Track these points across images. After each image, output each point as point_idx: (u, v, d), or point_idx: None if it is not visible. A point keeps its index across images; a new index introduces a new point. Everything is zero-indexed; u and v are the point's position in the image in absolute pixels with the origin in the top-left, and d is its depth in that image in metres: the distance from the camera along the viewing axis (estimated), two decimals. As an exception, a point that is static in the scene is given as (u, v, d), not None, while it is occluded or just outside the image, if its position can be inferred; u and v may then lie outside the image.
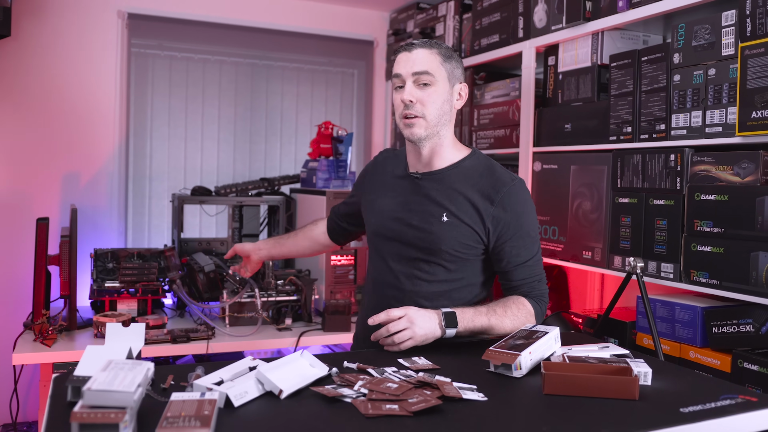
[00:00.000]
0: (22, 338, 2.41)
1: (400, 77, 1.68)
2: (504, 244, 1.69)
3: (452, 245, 1.68)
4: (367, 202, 1.87)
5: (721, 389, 1.31)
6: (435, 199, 1.71)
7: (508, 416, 1.18)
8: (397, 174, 1.81)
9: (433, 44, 1.70)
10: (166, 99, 3.47)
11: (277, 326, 2.69)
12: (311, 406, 1.18)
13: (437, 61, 1.68)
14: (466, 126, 3.03)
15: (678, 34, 2.02)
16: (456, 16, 3.13)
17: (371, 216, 1.83)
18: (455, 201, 1.69)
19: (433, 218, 1.69)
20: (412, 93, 1.66)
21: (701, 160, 1.95)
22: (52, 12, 3.17)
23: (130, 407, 0.98)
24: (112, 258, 2.83)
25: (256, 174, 3.64)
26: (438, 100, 1.68)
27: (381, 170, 1.87)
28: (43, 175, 3.18)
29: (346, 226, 2.08)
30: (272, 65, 3.68)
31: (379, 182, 1.85)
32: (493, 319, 1.63)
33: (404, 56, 1.69)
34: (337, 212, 2.10)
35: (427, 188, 1.73)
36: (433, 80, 1.66)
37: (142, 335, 1.34)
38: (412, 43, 1.70)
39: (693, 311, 1.99)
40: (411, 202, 1.74)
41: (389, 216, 1.76)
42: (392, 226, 1.75)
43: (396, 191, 1.79)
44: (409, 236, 1.72)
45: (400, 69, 1.68)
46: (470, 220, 1.68)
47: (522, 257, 1.70)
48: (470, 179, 1.71)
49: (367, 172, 1.94)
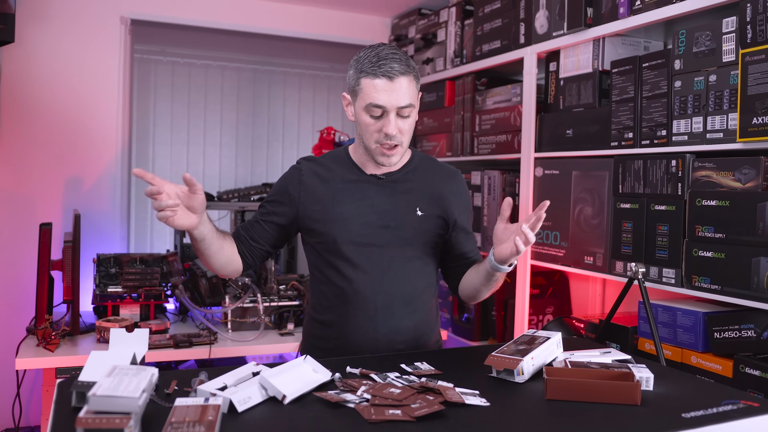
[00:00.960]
0: (25, 343, 2.42)
1: (381, 108, 1.60)
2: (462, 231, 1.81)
3: (431, 237, 1.75)
4: (312, 213, 1.72)
5: (723, 394, 1.31)
6: (405, 196, 1.73)
7: (511, 421, 1.18)
8: (351, 179, 1.73)
9: (407, 66, 1.62)
10: (168, 104, 3.49)
11: (279, 331, 2.70)
12: (314, 411, 1.18)
13: (414, 87, 1.64)
14: (468, 131, 3.03)
15: (679, 41, 2.02)
16: (457, 22, 3.14)
17: (330, 225, 1.70)
18: (423, 195, 1.75)
19: (410, 215, 1.72)
20: (397, 125, 1.63)
21: (702, 165, 1.96)
22: (55, 18, 3.19)
23: (134, 412, 0.98)
24: (115, 263, 2.83)
25: (258, 179, 3.65)
26: (413, 124, 1.68)
27: (320, 179, 1.74)
28: (46, 180, 3.19)
29: (268, 249, 1.80)
30: (274, 71, 3.70)
31: (325, 190, 1.72)
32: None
33: (384, 84, 1.59)
34: (253, 235, 1.77)
35: (394, 188, 1.74)
36: (412, 110, 1.65)
37: (146, 341, 1.35)
38: (391, 69, 1.58)
39: (695, 316, 1.99)
40: (381, 204, 1.72)
41: (357, 222, 1.69)
42: (365, 231, 1.69)
43: (357, 195, 1.72)
44: (388, 237, 1.70)
45: (383, 100, 1.59)
46: (440, 210, 1.76)
47: (469, 230, 1.84)
48: (426, 174, 1.79)
49: (298, 183, 1.75)
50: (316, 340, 1.79)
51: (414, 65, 1.67)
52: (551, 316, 2.87)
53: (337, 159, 1.79)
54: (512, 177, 2.79)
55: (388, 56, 1.61)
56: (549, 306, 2.90)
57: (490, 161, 3.02)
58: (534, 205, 2.62)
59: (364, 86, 1.62)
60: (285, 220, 1.76)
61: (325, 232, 1.71)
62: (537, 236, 2.60)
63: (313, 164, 1.79)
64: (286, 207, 1.76)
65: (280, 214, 1.76)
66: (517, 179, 2.72)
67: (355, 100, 1.66)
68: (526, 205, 2.64)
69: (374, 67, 1.60)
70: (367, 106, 1.62)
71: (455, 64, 3.15)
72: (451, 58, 3.18)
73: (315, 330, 1.79)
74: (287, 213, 1.76)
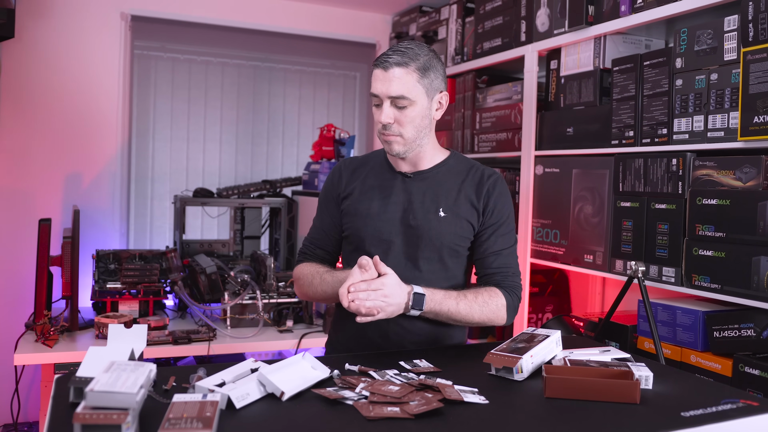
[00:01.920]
0: (24, 339, 2.42)
1: (377, 97, 1.63)
2: (485, 230, 1.72)
3: (452, 239, 1.70)
4: (345, 207, 1.76)
5: (723, 393, 1.31)
6: (430, 196, 1.71)
7: (509, 419, 1.18)
8: (382, 176, 1.76)
9: (409, 58, 1.61)
10: (168, 101, 3.48)
11: (278, 328, 2.70)
12: (313, 408, 1.18)
13: (413, 80, 1.61)
14: (468, 129, 3.03)
15: (680, 39, 2.02)
16: (458, 20, 3.14)
17: (357, 220, 1.73)
18: (449, 196, 1.71)
19: (431, 215, 1.70)
20: (390, 115, 1.62)
21: (703, 164, 1.95)
22: (55, 14, 3.18)
23: (132, 408, 0.98)
24: (114, 259, 2.83)
25: (258, 176, 3.64)
26: (416, 119, 1.64)
27: (355, 175, 1.78)
28: (46, 176, 3.19)
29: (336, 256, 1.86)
30: (274, 67, 3.69)
31: (357, 186, 1.76)
32: (462, 304, 1.62)
33: (380, 74, 1.61)
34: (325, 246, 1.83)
35: (420, 186, 1.72)
36: (409, 102, 1.62)
37: (144, 337, 1.34)
38: (388, 59, 1.61)
39: (694, 315, 1.99)
40: (405, 201, 1.71)
41: (381, 218, 1.70)
42: (387, 228, 1.70)
43: (384, 192, 1.73)
44: (408, 235, 1.69)
45: (377, 89, 1.62)
46: (465, 213, 1.71)
47: (498, 246, 1.72)
48: (458, 175, 1.74)
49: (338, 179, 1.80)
50: (339, 336, 1.81)
51: (424, 60, 1.62)
52: (551, 315, 2.87)
53: (376, 157, 1.82)
54: (512, 175, 2.78)
55: (395, 49, 1.63)
56: (548, 304, 2.89)
57: (491, 159, 3.01)
58: (534, 204, 2.62)
59: (372, 77, 1.67)
60: (339, 219, 1.79)
61: (352, 226, 1.73)
62: (537, 234, 2.60)
63: (352, 161, 1.83)
64: (336, 205, 1.79)
65: (334, 215, 1.80)
66: (518, 177, 2.72)
67: None
68: (525, 203, 2.64)
69: (378, 58, 1.64)
70: (371, 95, 1.66)
71: (456, 61, 3.15)
72: (451, 55, 3.18)
73: (339, 326, 1.81)
74: (338, 212, 1.79)
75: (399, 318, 1.65)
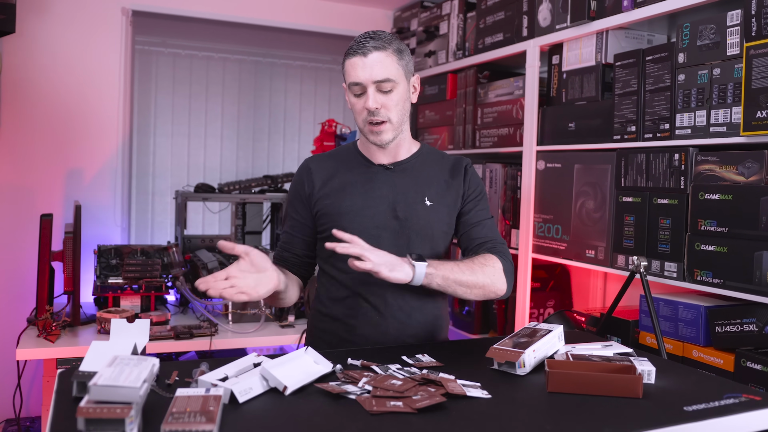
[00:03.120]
0: (26, 334, 2.42)
1: (360, 85, 1.61)
2: (466, 205, 1.76)
3: (441, 227, 1.72)
4: (323, 207, 1.71)
5: (725, 388, 1.31)
6: (414, 186, 1.72)
7: (512, 414, 1.18)
8: (359, 170, 1.72)
9: (385, 42, 1.62)
10: (169, 96, 3.48)
11: (279, 323, 2.70)
12: (315, 402, 1.18)
13: (394, 63, 1.62)
14: (470, 125, 3.03)
15: (683, 34, 2.01)
16: (460, 15, 3.13)
17: (340, 218, 1.67)
18: (431, 185, 1.73)
19: (418, 205, 1.70)
20: (377, 99, 1.62)
21: (705, 159, 1.95)
22: (56, 9, 3.18)
23: (135, 402, 0.98)
24: (116, 254, 2.83)
25: (259, 171, 3.64)
26: (400, 101, 1.65)
27: (328, 174, 1.73)
28: (47, 172, 3.19)
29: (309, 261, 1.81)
30: (276, 62, 3.69)
31: (334, 184, 1.71)
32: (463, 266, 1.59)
33: (359, 61, 1.60)
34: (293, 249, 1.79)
35: (403, 177, 1.72)
36: (393, 84, 1.62)
37: (147, 332, 1.34)
38: (364, 45, 1.60)
39: (696, 310, 1.99)
40: (390, 194, 1.70)
41: (366, 213, 1.67)
42: (373, 223, 1.67)
43: (365, 187, 1.70)
44: (396, 227, 1.67)
45: (359, 77, 1.60)
46: (449, 199, 1.74)
47: (481, 216, 1.77)
48: (435, 163, 1.78)
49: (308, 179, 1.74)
50: (322, 334, 1.76)
51: (397, 43, 1.65)
52: (552, 310, 2.87)
53: (345, 152, 1.79)
54: (514, 170, 2.78)
55: (367, 36, 1.64)
56: (550, 299, 2.89)
57: (492, 154, 3.01)
58: (536, 199, 2.62)
59: (346, 68, 1.65)
60: (310, 219, 1.76)
61: (335, 226, 1.62)
62: (538, 229, 2.60)
63: (320, 160, 1.79)
64: (305, 206, 1.76)
65: (304, 215, 1.76)
66: (519, 172, 2.72)
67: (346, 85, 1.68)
68: (527, 198, 2.64)
69: (353, 48, 1.64)
70: (349, 86, 1.65)
71: (457, 56, 3.14)
72: (453, 50, 3.17)
73: (322, 324, 1.77)
74: (307, 216, 1.76)
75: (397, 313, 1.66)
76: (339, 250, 1.48)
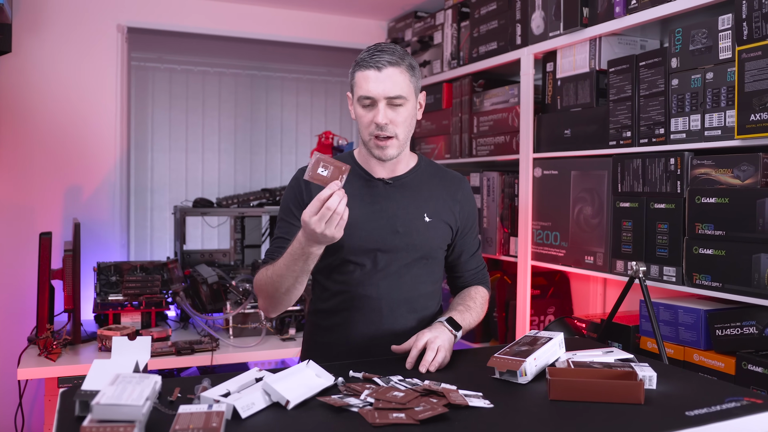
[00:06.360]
0: (27, 353, 2.42)
1: (371, 99, 1.61)
2: (465, 235, 1.81)
3: (438, 243, 1.74)
4: None
5: (726, 392, 1.31)
6: (413, 201, 1.72)
7: (515, 423, 1.18)
8: (359, 183, 1.70)
9: (398, 57, 1.62)
10: (166, 111, 3.49)
11: (281, 336, 2.70)
12: (318, 416, 1.18)
13: (407, 79, 1.62)
14: (466, 134, 3.04)
15: (675, 39, 2.03)
16: (454, 24, 3.15)
17: None
18: (430, 201, 1.74)
19: (417, 221, 1.70)
20: (387, 115, 1.61)
21: (701, 163, 1.96)
22: (52, 28, 3.19)
23: (138, 420, 0.98)
24: (115, 271, 2.83)
25: (258, 185, 3.65)
26: (408, 118, 1.65)
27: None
28: (46, 190, 3.19)
29: None
30: (271, 76, 3.70)
31: None
32: (473, 314, 1.75)
33: (373, 74, 1.60)
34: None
35: (402, 192, 1.72)
36: (404, 101, 1.63)
37: (149, 348, 1.34)
38: (380, 60, 1.60)
39: (696, 314, 1.99)
40: (390, 209, 1.69)
41: (366, 227, 1.66)
42: (373, 237, 1.66)
43: (366, 200, 1.69)
44: (395, 242, 1.67)
45: (371, 91, 1.60)
46: (446, 217, 1.76)
47: (474, 247, 1.85)
48: (432, 178, 1.79)
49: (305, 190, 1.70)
50: (318, 346, 1.76)
51: (409, 59, 1.66)
52: (552, 317, 2.87)
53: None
54: (511, 178, 2.79)
55: (381, 49, 1.63)
56: (550, 306, 2.90)
57: (489, 163, 3.02)
58: (534, 206, 2.63)
59: (357, 79, 1.64)
60: None
61: None
62: (537, 237, 2.61)
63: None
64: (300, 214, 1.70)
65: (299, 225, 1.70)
66: (516, 180, 2.73)
67: (353, 95, 1.67)
68: (525, 206, 2.65)
69: (366, 60, 1.63)
70: (359, 98, 1.64)
71: (452, 66, 3.16)
72: (448, 60, 3.19)
73: (318, 336, 1.77)
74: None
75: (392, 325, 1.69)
76: (408, 366, 1.52)
